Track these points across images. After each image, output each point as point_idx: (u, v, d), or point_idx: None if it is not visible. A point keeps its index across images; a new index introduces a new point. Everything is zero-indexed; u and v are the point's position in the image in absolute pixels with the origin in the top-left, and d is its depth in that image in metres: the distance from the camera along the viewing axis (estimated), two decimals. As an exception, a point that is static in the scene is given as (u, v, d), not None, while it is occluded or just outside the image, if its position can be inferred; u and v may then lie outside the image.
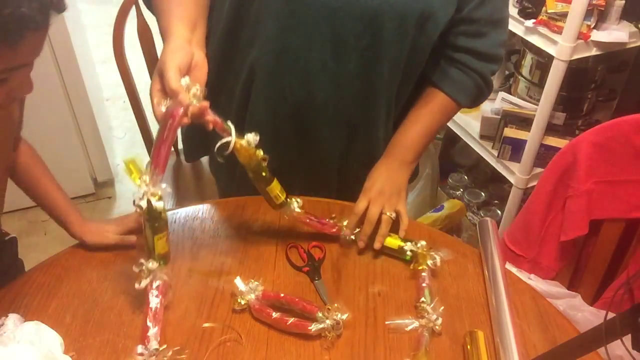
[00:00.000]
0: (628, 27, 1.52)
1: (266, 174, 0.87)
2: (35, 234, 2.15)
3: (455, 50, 1.03)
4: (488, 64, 1.05)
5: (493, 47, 1.03)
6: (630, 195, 1.16)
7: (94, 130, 2.19)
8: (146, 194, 0.76)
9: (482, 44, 1.01)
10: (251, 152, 0.83)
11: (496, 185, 2.10)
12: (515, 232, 1.33)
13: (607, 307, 0.59)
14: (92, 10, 3.56)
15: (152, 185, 0.77)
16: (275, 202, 0.91)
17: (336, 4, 0.89)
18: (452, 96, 1.05)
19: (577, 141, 1.18)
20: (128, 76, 1.44)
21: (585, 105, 1.78)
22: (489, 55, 1.03)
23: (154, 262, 0.81)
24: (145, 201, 0.76)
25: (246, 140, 0.82)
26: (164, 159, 0.78)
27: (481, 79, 1.06)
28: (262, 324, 0.86)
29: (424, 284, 0.91)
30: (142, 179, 0.77)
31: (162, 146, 0.77)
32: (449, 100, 1.06)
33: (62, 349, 0.79)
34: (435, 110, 1.07)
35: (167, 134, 0.76)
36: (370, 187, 1.01)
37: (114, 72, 1.44)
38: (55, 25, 0.69)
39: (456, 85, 1.05)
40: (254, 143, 0.82)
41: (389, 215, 0.98)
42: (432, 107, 1.06)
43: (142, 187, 0.77)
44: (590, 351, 0.60)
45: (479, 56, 1.03)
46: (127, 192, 2.38)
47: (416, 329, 0.85)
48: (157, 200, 0.77)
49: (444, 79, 1.05)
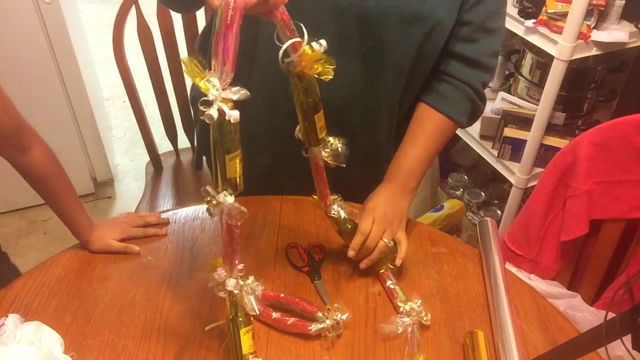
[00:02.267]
0: (628, 27, 1.52)
1: (318, 97, 0.78)
2: (35, 233, 2.15)
3: (445, 56, 0.99)
4: (478, 73, 1.00)
5: (484, 55, 0.99)
6: (630, 195, 1.16)
7: (94, 130, 2.19)
8: (216, 100, 0.60)
9: (472, 49, 0.98)
10: (316, 61, 0.71)
11: (496, 185, 2.10)
12: (515, 232, 1.33)
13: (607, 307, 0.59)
14: (92, 10, 3.57)
15: (223, 88, 0.60)
16: (318, 136, 0.82)
17: (344, 3, 0.88)
18: (447, 114, 1.01)
19: (577, 141, 1.18)
20: (128, 76, 1.44)
21: (585, 105, 1.78)
22: (479, 63, 0.99)
23: (224, 190, 0.65)
24: (215, 109, 0.59)
25: (315, 46, 0.71)
26: (233, 51, 0.60)
27: (472, 91, 1.01)
28: (262, 324, 0.86)
29: (391, 284, 0.92)
30: (209, 80, 0.60)
31: (227, 33, 0.59)
32: (443, 118, 1.02)
33: (62, 349, 0.79)
34: (432, 132, 1.02)
35: (233, 16, 0.58)
36: (374, 208, 0.96)
37: (113, 72, 1.44)
38: (55, 25, 0.69)
39: (448, 101, 1.01)
40: (323, 50, 0.71)
41: (386, 242, 0.93)
42: (429, 128, 1.02)
43: (211, 90, 0.59)
44: (590, 351, 0.60)
45: (468, 63, 0.99)
46: (127, 191, 2.38)
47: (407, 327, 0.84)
48: (231, 109, 0.60)
49: (433, 95, 1.02)
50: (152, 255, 0.97)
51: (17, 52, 1.84)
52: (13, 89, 1.89)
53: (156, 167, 1.62)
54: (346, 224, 0.94)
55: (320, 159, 0.86)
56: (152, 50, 1.44)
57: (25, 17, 1.79)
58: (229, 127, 0.61)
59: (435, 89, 1.02)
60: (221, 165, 0.64)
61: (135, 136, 2.64)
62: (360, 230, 0.93)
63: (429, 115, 1.02)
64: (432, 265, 0.98)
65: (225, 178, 0.65)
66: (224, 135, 0.62)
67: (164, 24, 1.43)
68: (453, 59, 1.00)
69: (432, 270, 0.97)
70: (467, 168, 2.20)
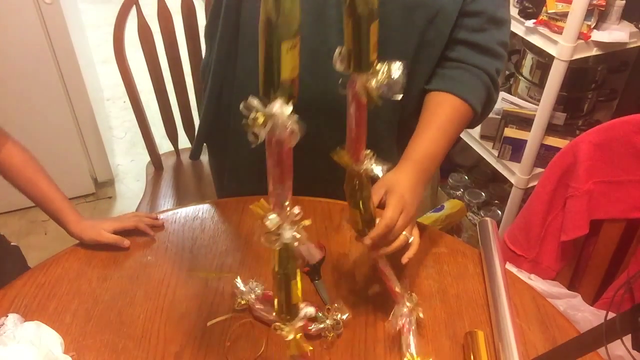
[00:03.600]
0: (628, 27, 1.52)
1: None
2: (35, 233, 2.15)
3: (454, 44, 0.97)
4: (491, 60, 0.98)
5: (494, 43, 0.98)
6: (630, 195, 1.16)
7: (94, 130, 2.20)
8: None
9: (482, 37, 0.97)
10: None
11: (496, 185, 2.10)
12: (516, 232, 1.33)
13: (607, 307, 0.59)
14: (92, 10, 3.57)
15: None
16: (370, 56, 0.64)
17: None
18: (463, 97, 0.95)
19: (577, 141, 1.17)
20: (128, 76, 1.44)
21: (585, 105, 1.78)
22: (490, 49, 0.97)
23: (278, 98, 0.50)
24: None
25: None
26: None
27: (487, 77, 0.98)
28: (262, 324, 0.86)
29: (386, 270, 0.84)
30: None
31: None
32: (461, 102, 0.95)
33: (62, 349, 0.79)
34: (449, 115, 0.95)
35: None
36: (402, 194, 0.83)
37: (114, 72, 1.44)
38: (55, 25, 0.69)
39: (463, 85, 0.96)
40: None
41: (405, 235, 0.83)
42: (447, 112, 0.95)
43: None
44: (590, 351, 0.60)
45: (479, 50, 0.97)
46: (128, 191, 2.38)
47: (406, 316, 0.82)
48: None
49: (446, 80, 0.98)
50: (152, 255, 0.97)
51: (18, 53, 1.85)
52: (13, 89, 1.91)
53: (157, 167, 1.62)
54: (368, 190, 0.77)
55: (366, 92, 0.65)
56: (152, 50, 1.44)
57: (25, 17, 1.79)
58: None
59: (449, 76, 0.98)
60: (276, 57, 0.49)
61: (135, 136, 2.64)
62: (387, 218, 0.79)
63: (445, 100, 0.96)
64: (432, 265, 0.98)
65: (279, 80, 0.50)
66: None
67: (165, 24, 1.43)
68: (465, 47, 0.98)
69: (432, 270, 0.97)
70: (468, 168, 2.20)
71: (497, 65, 0.99)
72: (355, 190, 0.76)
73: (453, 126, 0.95)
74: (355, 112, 0.69)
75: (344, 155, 0.74)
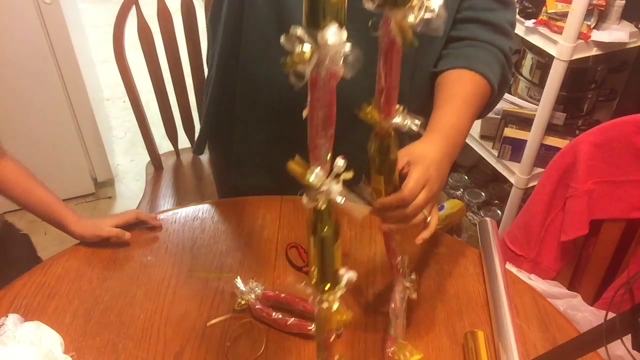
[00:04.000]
0: (628, 27, 1.52)
1: None
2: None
3: (464, 23, 0.94)
4: (503, 38, 0.94)
5: (504, 22, 0.94)
6: (630, 195, 1.16)
7: (94, 130, 2.19)
8: None
9: (493, 15, 0.94)
10: None
11: (496, 185, 2.10)
12: (516, 232, 1.33)
13: (607, 307, 0.59)
14: (92, 10, 3.57)
15: None
16: None
17: None
18: (482, 72, 0.89)
19: (577, 141, 1.18)
20: (128, 76, 1.44)
21: (585, 105, 1.78)
22: (501, 27, 0.94)
23: (328, 26, 0.42)
24: None
25: None
26: None
27: (502, 54, 0.93)
28: (262, 324, 0.86)
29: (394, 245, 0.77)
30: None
31: None
32: (479, 77, 0.88)
33: (62, 349, 0.79)
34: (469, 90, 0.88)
35: None
36: (428, 165, 0.73)
37: (114, 72, 1.44)
38: (55, 25, 0.69)
39: (479, 61, 0.91)
40: None
41: (424, 214, 0.75)
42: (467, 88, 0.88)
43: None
44: (590, 351, 0.60)
45: (491, 27, 0.93)
46: (128, 191, 2.38)
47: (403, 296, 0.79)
48: None
49: (460, 58, 0.93)
50: (152, 255, 0.97)
51: (18, 53, 1.85)
52: (13, 89, 1.91)
53: (156, 167, 1.62)
54: (395, 154, 0.68)
55: (400, 30, 0.55)
56: (152, 50, 1.44)
57: (25, 17, 1.79)
58: None
59: (463, 53, 0.93)
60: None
61: (135, 136, 2.64)
62: (407, 189, 0.69)
63: (463, 75, 0.90)
64: (432, 265, 0.98)
65: (327, 8, 0.42)
66: None
67: (165, 24, 1.43)
68: (475, 24, 0.94)
69: (432, 270, 0.97)
70: (468, 168, 2.20)
71: (509, 43, 0.95)
72: (381, 153, 0.67)
73: (477, 100, 0.88)
74: (388, 56, 0.59)
75: (372, 111, 0.64)
